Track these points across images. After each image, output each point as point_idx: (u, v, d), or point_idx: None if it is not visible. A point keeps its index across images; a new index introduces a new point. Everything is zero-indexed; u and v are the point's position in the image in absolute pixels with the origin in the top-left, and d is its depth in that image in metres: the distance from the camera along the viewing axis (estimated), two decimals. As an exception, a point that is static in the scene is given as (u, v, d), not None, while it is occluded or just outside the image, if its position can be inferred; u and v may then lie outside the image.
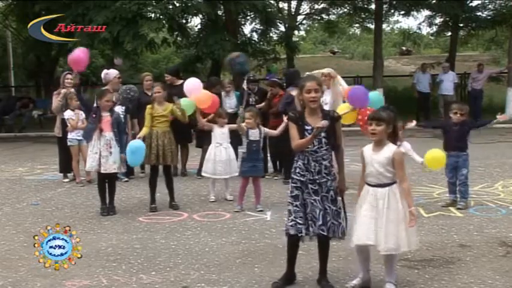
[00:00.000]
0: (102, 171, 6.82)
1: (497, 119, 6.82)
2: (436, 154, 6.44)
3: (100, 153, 6.75)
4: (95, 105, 7.13)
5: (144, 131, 6.87)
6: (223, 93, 9.19)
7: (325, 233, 4.22)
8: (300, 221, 4.24)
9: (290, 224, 4.29)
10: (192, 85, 7.24)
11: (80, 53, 6.82)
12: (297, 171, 4.31)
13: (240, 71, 7.79)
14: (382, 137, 4.20)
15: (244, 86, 9.20)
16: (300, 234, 4.27)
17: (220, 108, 7.76)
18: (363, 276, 4.34)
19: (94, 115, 6.82)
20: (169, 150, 6.95)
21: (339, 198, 4.32)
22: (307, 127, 4.27)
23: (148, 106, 6.97)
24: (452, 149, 6.76)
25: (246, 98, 9.01)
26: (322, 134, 4.21)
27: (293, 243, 4.40)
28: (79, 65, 6.86)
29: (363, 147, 4.36)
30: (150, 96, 7.90)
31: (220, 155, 7.25)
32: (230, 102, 9.19)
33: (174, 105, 7.04)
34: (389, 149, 4.20)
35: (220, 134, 7.32)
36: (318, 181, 4.24)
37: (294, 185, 4.31)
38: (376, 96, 7.38)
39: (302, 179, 4.27)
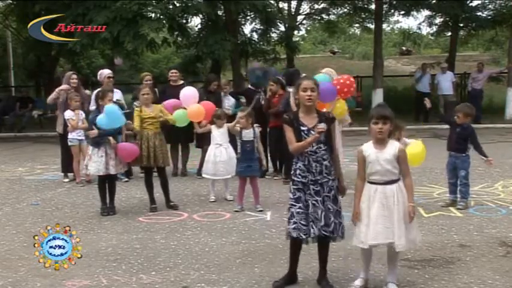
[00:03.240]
0: (112, 173, 6.86)
1: (486, 159, 6.77)
2: (415, 150, 6.11)
3: (109, 156, 6.77)
4: (92, 107, 7.09)
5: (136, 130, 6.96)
6: (222, 94, 9.19)
7: (327, 234, 4.19)
8: (303, 223, 4.18)
9: (292, 226, 4.22)
10: (188, 95, 7.47)
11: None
12: (297, 172, 4.25)
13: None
14: (387, 135, 4.19)
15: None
16: (301, 237, 4.22)
17: (219, 109, 7.76)
18: (364, 276, 4.34)
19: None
20: (161, 151, 6.92)
21: (340, 197, 4.32)
22: (303, 128, 4.23)
23: (136, 108, 6.98)
24: (451, 149, 6.85)
25: (257, 98, 8.98)
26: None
27: (296, 245, 4.37)
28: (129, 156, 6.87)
29: (360, 147, 4.30)
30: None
31: (221, 155, 7.26)
32: (228, 103, 9.19)
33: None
34: (393, 145, 4.19)
35: (219, 135, 7.32)
36: (319, 181, 4.21)
37: (296, 186, 4.25)
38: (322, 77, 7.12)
39: (304, 180, 4.22)
